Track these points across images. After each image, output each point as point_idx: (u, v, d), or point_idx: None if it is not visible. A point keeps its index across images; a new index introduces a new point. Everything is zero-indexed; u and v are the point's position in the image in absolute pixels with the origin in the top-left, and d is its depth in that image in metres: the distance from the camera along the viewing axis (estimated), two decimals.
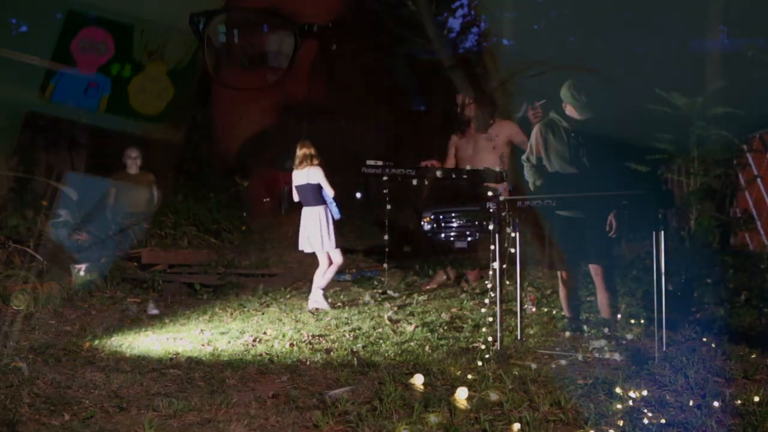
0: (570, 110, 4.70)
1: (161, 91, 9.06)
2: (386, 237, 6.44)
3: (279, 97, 10.97)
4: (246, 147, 11.47)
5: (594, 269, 4.78)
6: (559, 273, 4.87)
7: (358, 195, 11.33)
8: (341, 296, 6.42)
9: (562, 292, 4.90)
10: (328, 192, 6.10)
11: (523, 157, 4.91)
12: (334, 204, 6.12)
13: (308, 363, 4.20)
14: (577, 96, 4.64)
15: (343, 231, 9.84)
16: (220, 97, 11.63)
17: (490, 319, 4.59)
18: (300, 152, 6.14)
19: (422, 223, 6.62)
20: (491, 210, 4.46)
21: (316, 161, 6.10)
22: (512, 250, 4.52)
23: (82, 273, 6.27)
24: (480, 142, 6.21)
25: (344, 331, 5.06)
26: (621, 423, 3.13)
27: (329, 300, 6.12)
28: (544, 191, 4.68)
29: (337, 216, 6.15)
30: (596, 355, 4.26)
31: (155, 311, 5.65)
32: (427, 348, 4.50)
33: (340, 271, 7.35)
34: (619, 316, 4.98)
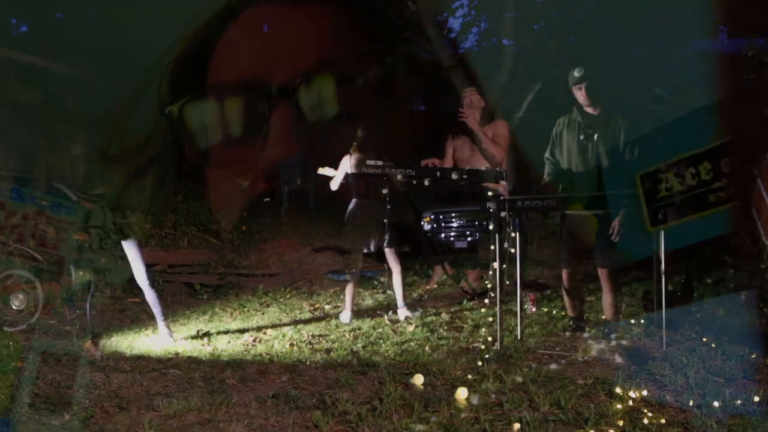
0: (582, 96, 4.66)
1: None
2: (386, 237, 6.43)
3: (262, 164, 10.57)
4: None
5: (600, 271, 4.78)
6: (563, 271, 4.87)
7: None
8: (341, 296, 6.41)
9: (565, 292, 4.90)
10: None
11: (546, 154, 4.90)
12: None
13: (308, 363, 4.20)
14: (586, 75, 4.62)
15: (343, 231, 9.87)
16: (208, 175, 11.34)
17: (490, 319, 4.59)
18: (362, 134, 5.46)
19: (422, 223, 6.60)
20: (491, 210, 4.46)
21: None
22: (512, 250, 4.52)
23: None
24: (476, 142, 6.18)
25: (344, 331, 5.06)
26: (621, 423, 3.13)
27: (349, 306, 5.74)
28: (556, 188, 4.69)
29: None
30: (596, 355, 4.26)
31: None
32: (427, 348, 4.50)
33: (339, 272, 7.35)
34: (619, 316, 4.98)
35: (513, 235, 4.47)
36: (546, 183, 4.84)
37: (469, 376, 3.81)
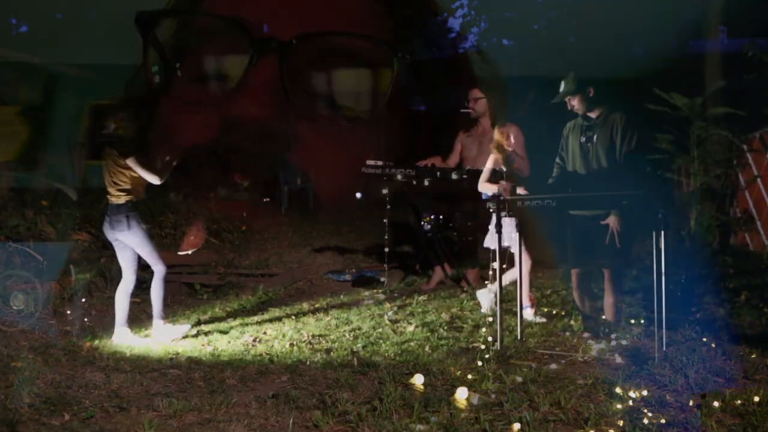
0: (575, 104, 4.67)
1: (14, 134, 8.94)
2: (386, 237, 6.43)
3: (225, 114, 10.10)
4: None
5: (604, 271, 4.77)
6: (572, 271, 4.87)
7: (358, 195, 11.30)
8: (341, 296, 6.41)
9: (574, 290, 4.90)
10: None
11: (557, 159, 4.91)
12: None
13: (308, 363, 4.20)
14: (579, 86, 4.62)
15: (342, 231, 9.88)
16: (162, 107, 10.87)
17: (490, 319, 4.59)
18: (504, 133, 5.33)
19: (422, 223, 6.60)
20: (491, 210, 4.46)
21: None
22: (512, 250, 4.51)
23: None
24: (485, 143, 6.18)
25: (344, 331, 5.06)
26: (621, 423, 3.13)
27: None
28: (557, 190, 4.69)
29: None
30: (596, 355, 4.26)
31: None
32: (427, 348, 4.49)
33: (339, 272, 7.35)
34: (620, 317, 4.97)
35: (513, 235, 4.47)
36: (549, 184, 4.84)
37: (469, 376, 3.81)
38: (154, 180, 4.77)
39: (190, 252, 4.67)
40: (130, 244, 4.82)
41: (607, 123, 4.62)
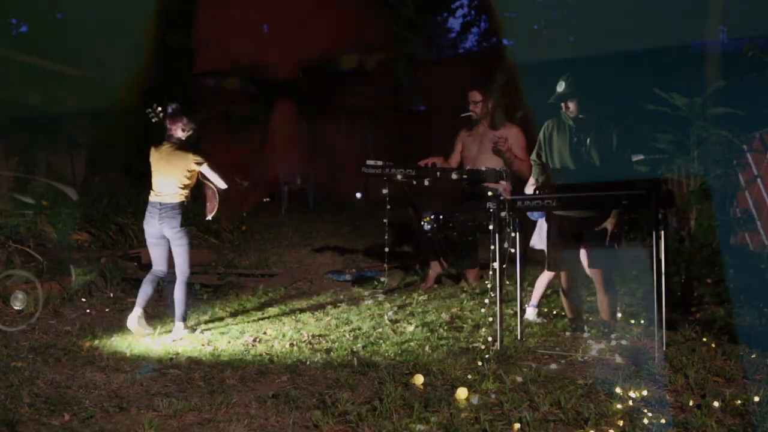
0: (571, 106, 4.65)
1: None
2: (386, 237, 6.43)
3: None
4: None
5: (592, 272, 4.76)
6: (561, 274, 4.87)
7: (358, 195, 11.33)
8: (341, 296, 6.41)
9: (563, 293, 4.90)
10: None
11: (532, 156, 4.90)
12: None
13: (308, 363, 4.20)
14: (575, 88, 4.60)
15: (342, 231, 9.89)
16: None
17: (490, 319, 4.58)
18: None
19: (422, 223, 6.60)
20: (491, 210, 4.46)
21: None
22: (512, 250, 4.51)
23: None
24: (485, 143, 6.18)
25: (344, 331, 5.06)
26: (621, 423, 3.13)
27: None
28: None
29: None
30: (596, 355, 4.26)
31: None
32: (427, 348, 4.50)
33: (339, 272, 7.35)
34: (619, 316, 4.98)
35: (513, 235, 4.46)
36: (543, 183, 4.83)
37: (469, 376, 3.81)
38: (223, 185, 5.08)
39: (210, 217, 5.27)
40: (174, 240, 4.97)
41: (601, 128, 4.60)
